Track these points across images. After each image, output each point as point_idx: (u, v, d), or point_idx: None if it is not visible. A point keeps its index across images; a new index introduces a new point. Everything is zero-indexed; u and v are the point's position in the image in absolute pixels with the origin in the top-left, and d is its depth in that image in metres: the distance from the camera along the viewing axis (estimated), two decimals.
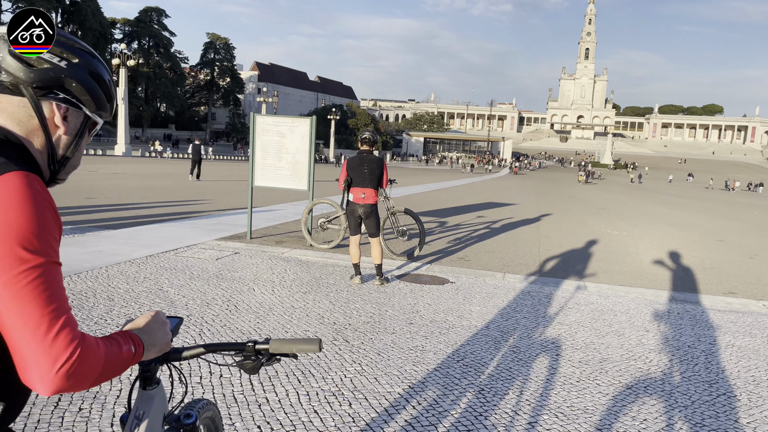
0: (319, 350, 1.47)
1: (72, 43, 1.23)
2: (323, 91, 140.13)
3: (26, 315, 1.02)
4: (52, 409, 3.39)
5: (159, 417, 1.49)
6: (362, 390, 4.00)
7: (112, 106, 1.33)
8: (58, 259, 1.09)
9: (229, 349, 1.51)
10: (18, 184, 1.05)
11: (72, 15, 77.59)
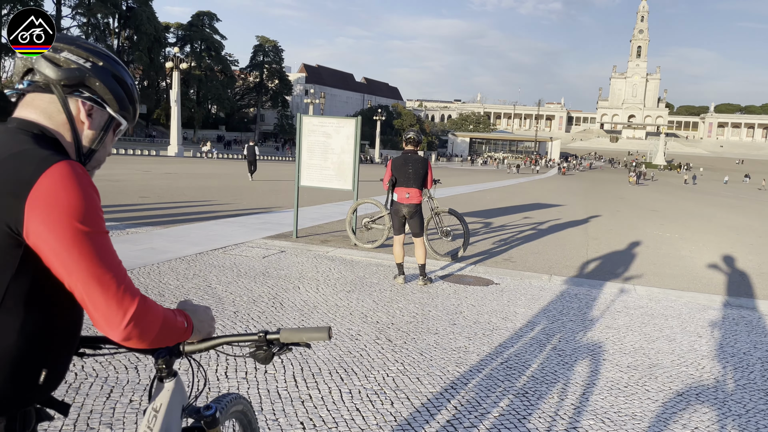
0: (328, 338, 1.49)
1: (97, 49, 1.37)
2: (369, 92, 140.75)
3: (93, 276, 1.18)
4: (105, 400, 3.52)
5: (177, 409, 1.52)
6: (404, 389, 4.00)
7: (135, 110, 1.43)
8: (106, 229, 1.25)
9: (242, 341, 1.53)
10: (66, 171, 1.18)
11: (128, 20, 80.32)
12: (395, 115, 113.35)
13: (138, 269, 6.92)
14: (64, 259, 1.16)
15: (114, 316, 1.20)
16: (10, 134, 1.24)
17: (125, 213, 11.92)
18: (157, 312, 1.28)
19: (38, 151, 1.20)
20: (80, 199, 1.17)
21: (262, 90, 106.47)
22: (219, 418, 1.63)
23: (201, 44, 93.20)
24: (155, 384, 1.53)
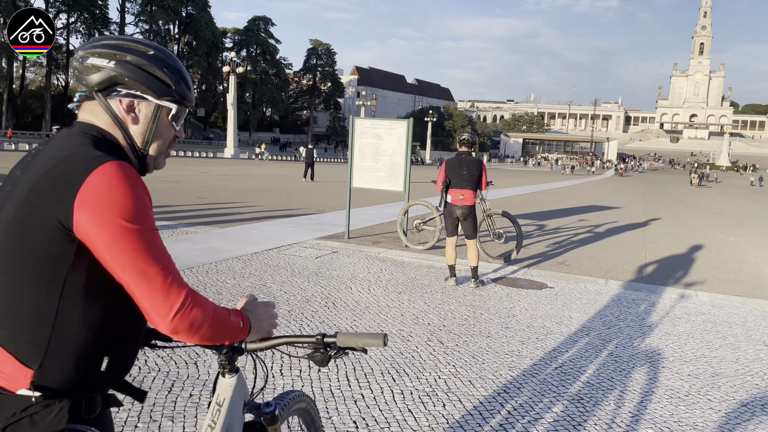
0: (384, 345, 1.50)
1: (125, 43, 1.38)
2: (420, 93, 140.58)
3: (139, 270, 1.23)
4: (166, 394, 3.66)
5: (239, 404, 1.57)
6: (456, 392, 4.00)
7: (180, 91, 1.42)
8: (155, 227, 1.29)
9: (302, 342, 1.57)
10: (113, 171, 1.23)
11: (188, 26, 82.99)
12: (446, 116, 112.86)
13: (197, 267, 7.15)
14: (113, 253, 1.21)
15: (160, 309, 1.25)
16: (71, 137, 1.32)
17: (185, 213, 12.32)
18: (206, 308, 1.31)
19: (90, 152, 1.26)
20: (126, 197, 1.22)
21: (315, 93, 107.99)
22: (279, 415, 1.68)
23: (256, 48, 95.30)
24: (218, 379, 1.57)
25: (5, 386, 1.23)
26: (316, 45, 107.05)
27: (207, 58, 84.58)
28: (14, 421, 1.21)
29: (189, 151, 54.25)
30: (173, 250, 7.98)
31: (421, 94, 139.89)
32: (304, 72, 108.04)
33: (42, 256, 1.22)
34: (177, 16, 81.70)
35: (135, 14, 78.99)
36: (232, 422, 1.51)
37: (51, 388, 1.24)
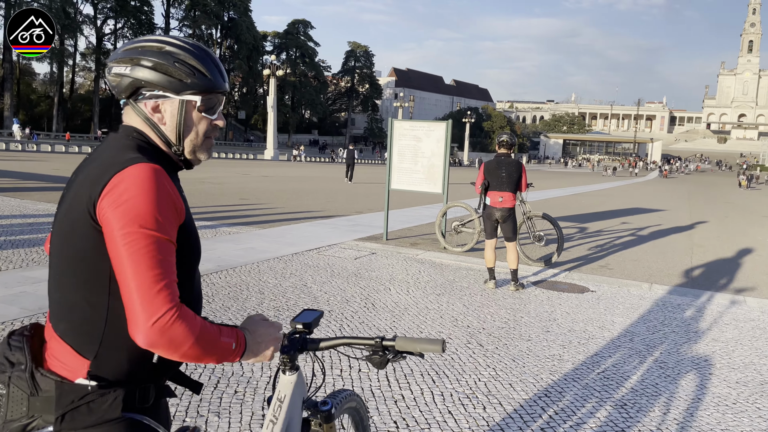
0: (442, 351, 1.51)
1: (139, 46, 1.39)
2: (458, 94, 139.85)
3: (135, 273, 1.21)
4: (212, 390, 3.76)
5: (298, 401, 1.61)
6: (496, 395, 3.99)
7: (199, 82, 1.39)
8: (171, 238, 1.27)
9: (360, 343, 1.59)
10: (136, 172, 1.26)
11: (229, 31, 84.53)
12: (485, 117, 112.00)
13: (240, 267, 7.30)
14: (114, 246, 1.23)
15: (139, 315, 1.20)
16: (114, 140, 1.39)
17: (227, 213, 12.57)
18: (192, 326, 1.24)
19: (125, 154, 1.31)
20: (141, 198, 1.23)
21: (353, 94, 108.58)
22: (334, 413, 1.72)
23: (296, 51, 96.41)
24: (279, 376, 1.61)
25: (65, 376, 1.30)
26: (354, 47, 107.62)
27: (248, 61, 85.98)
28: (73, 408, 1.27)
29: (230, 152, 55.26)
30: (216, 250, 8.20)
31: (459, 95, 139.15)
32: (342, 74, 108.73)
33: (86, 254, 1.29)
34: (219, 20, 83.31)
35: (179, 19, 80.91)
36: (292, 418, 1.55)
37: (106, 378, 1.30)
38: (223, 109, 1.51)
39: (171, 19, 79.86)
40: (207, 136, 1.45)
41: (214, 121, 1.45)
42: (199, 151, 1.46)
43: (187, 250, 1.38)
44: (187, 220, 1.38)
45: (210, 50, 1.48)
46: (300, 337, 1.60)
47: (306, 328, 1.60)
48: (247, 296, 6.04)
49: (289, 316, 5.46)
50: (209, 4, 79.53)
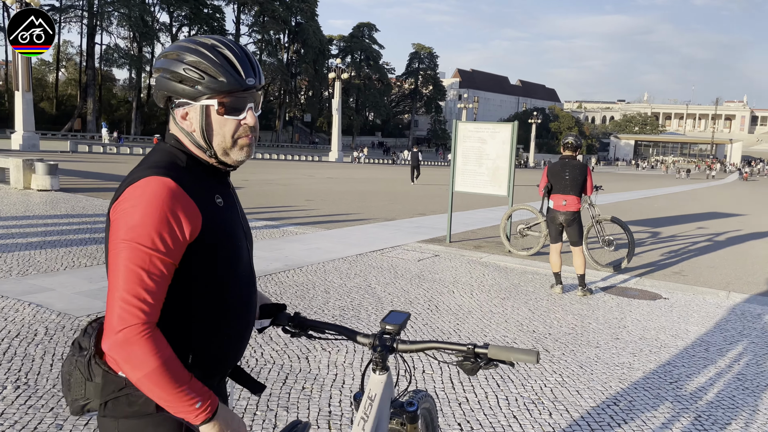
0: (536, 362, 1.50)
1: (162, 55, 1.42)
2: (524, 94, 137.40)
3: (117, 281, 1.26)
4: (281, 386, 3.89)
5: (387, 401, 1.64)
6: (563, 401, 3.92)
7: (210, 84, 1.35)
8: (167, 256, 1.28)
9: (451, 349, 1.59)
10: (143, 185, 1.30)
11: (296, 35, 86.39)
12: (552, 118, 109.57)
13: (306, 267, 7.47)
14: (111, 254, 1.28)
15: (108, 323, 1.26)
16: (156, 147, 1.45)
17: (294, 214, 12.88)
18: (155, 355, 1.24)
19: (147, 164, 1.36)
20: (139, 210, 1.26)
21: (417, 96, 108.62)
22: (419, 414, 1.75)
23: (360, 54, 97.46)
24: (370, 375, 1.65)
25: (112, 367, 1.38)
26: (418, 49, 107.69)
27: (314, 65, 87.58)
28: (114, 398, 1.36)
29: (296, 155, 56.46)
30: (284, 250, 8.43)
31: (525, 96, 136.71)
32: (406, 76, 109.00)
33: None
34: (287, 25, 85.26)
35: (249, 25, 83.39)
36: (382, 417, 1.59)
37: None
38: (260, 106, 1.46)
39: (241, 25, 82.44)
40: (238, 137, 1.41)
41: (241, 121, 1.40)
42: (232, 152, 1.42)
43: (211, 262, 1.38)
44: (210, 233, 1.36)
45: (229, 47, 1.40)
46: (391, 337, 1.62)
47: (395, 330, 1.62)
48: (313, 295, 6.18)
49: (354, 315, 5.55)
50: (277, 10, 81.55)
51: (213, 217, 1.37)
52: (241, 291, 1.48)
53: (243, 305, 1.49)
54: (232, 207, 1.48)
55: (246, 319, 1.51)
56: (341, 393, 3.84)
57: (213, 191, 1.42)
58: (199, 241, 1.34)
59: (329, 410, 3.59)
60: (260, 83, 1.42)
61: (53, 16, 64.40)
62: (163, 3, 72.04)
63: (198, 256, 1.35)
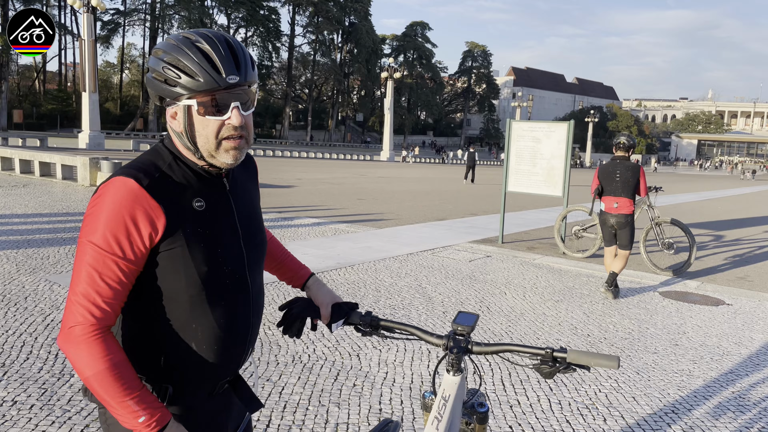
0: (617, 367, 1.47)
1: (153, 53, 1.36)
2: (581, 92, 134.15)
3: (74, 278, 1.27)
4: (332, 382, 3.94)
5: (460, 401, 1.64)
6: (618, 407, 3.83)
7: (187, 84, 1.28)
8: (123, 257, 1.25)
9: (527, 352, 1.58)
10: (109, 185, 1.28)
11: (350, 35, 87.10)
12: (609, 116, 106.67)
13: (358, 265, 7.54)
14: (76, 253, 1.29)
15: (62, 319, 1.27)
16: (153, 146, 1.42)
17: (346, 212, 13.01)
18: (96, 359, 1.23)
19: (130, 163, 1.35)
20: (96, 210, 1.26)
21: (470, 95, 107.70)
22: (489, 416, 1.76)
23: (413, 53, 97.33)
24: (443, 376, 1.64)
25: None
26: (471, 47, 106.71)
27: (367, 64, 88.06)
28: None
29: (348, 154, 57.00)
30: (336, 248, 8.53)
31: (582, 94, 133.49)
32: (459, 75, 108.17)
33: None
34: (340, 25, 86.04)
35: (303, 26, 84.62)
36: (455, 417, 1.60)
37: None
38: (253, 103, 1.36)
39: (296, 26, 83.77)
40: (223, 138, 1.32)
41: (224, 121, 1.31)
42: (218, 155, 1.33)
43: (182, 267, 1.32)
44: (178, 238, 1.30)
45: (211, 41, 1.31)
46: (465, 339, 1.62)
47: (467, 331, 1.62)
48: (365, 294, 6.24)
49: (404, 315, 5.57)
50: (331, 10, 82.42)
51: (184, 221, 1.31)
52: (224, 298, 1.39)
53: (228, 313, 1.40)
54: (220, 211, 1.39)
55: (234, 328, 1.41)
56: (391, 391, 3.87)
57: (194, 195, 1.35)
58: (165, 244, 1.29)
59: (380, 408, 3.62)
60: (246, 80, 1.32)
61: (117, 20, 67.25)
62: (221, 5, 73.93)
63: (167, 261, 1.31)
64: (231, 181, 1.45)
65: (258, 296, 1.50)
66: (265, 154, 46.15)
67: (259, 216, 1.57)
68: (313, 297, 1.75)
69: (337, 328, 1.75)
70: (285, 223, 10.96)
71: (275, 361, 4.25)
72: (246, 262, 1.44)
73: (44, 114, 63.12)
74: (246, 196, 1.51)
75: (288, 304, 1.73)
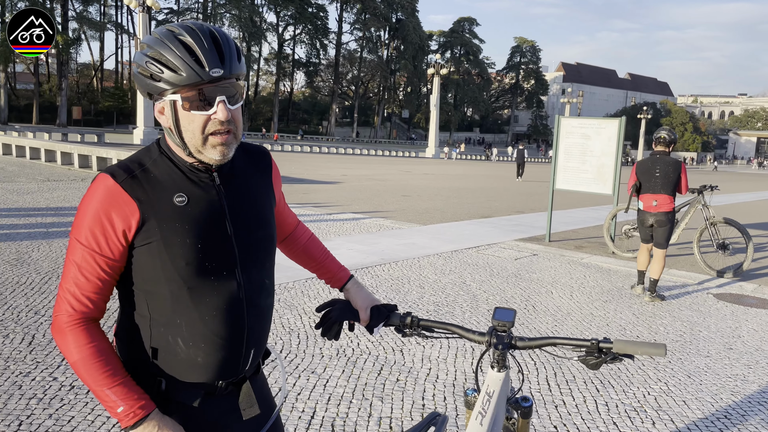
0: (664, 355, 1.46)
1: (140, 47, 1.34)
2: (633, 88, 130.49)
3: (63, 272, 1.33)
4: (376, 376, 3.98)
5: (504, 397, 1.64)
6: (667, 411, 3.73)
7: (169, 79, 1.26)
8: (100, 252, 1.29)
9: (572, 344, 1.57)
10: (93, 185, 1.32)
11: (396, 32, 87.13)
12: (663, 113, 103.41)
13: (402, 262, 7.56)
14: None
15: (53, 309, 1.34)
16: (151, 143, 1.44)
17: (390, 208, 13.05)
18: (75, 348, 1.28)
19: (119, 161, 1.37)
20: (81, 206, 1.32)
21: (517, 91, 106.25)
22: (532, 409, 1.76)
23: (460, 49, 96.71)
24: (487, 372, 1.64)
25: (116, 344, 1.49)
26: (520, 42, 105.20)
27: (413, 61, 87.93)
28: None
29: (393, 150, 57.10)
30: (380, 244, 8.57)
31: (634, 90, 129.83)
32: (506, 70, 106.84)
33: None
34: (387, 22, 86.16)
35: (350, 23, 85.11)
36: (498, 412, 1.61)
37: (122, 352, 1.44)
38: (240, 96, 1.33)
39: (344, 23, 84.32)
40: (210, 134, 1.29)
41: (209, 116, 1.28)
42: (205, 150, 1.31)
43: (162, 262, 1.31)
44: (154, 233, 1.30)
45: (193, 33, 1.27)
46: (507, 334, 1.61)
47: (508, 327, 1.62)
48: (408, 290, 6.25)
49: (448, 311, 5.56)
50: (378, 7, 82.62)
51: (161, 216, 1.30)
52: (210, 295, 1.36)
53: (215, 312, 1.36)
54: (205, 206, 1.35)
55: (224, 327, 1.38)
56: (434, 387, 3.87)
57: (176, 190, 1.33)
58: (140, 239, 1.30)
59: (422, 403, 3.64)
60: (231, 72, 1.28)
61: (171, 18, 69.13)
62: (270, 3, 75.08)
63: (145, 255, 1.31)
64: (224, 175, 1.40)
65: (256, 295, 1.44)
66: (311, 151, 46.69)
67: (265, 212, 1.50)
68: (351, 300, 1.75)
69: (377, 332, 1.77)
70: (330, 218, 11.08)
71: (320, 354, 4.31)
72: (237, 259, 1.39)
73: (101, 111, 65.57)
74: (246, 192, 1.45)
75: (326, 306, 1.74)
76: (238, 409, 1.47)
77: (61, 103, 58.87)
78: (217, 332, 1.37)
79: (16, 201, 10.95)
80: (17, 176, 15.22)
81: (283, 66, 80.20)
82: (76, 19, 61.89)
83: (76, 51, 66.27)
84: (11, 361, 3.89)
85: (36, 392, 3.47)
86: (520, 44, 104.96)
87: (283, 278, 6.19)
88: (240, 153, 1.47)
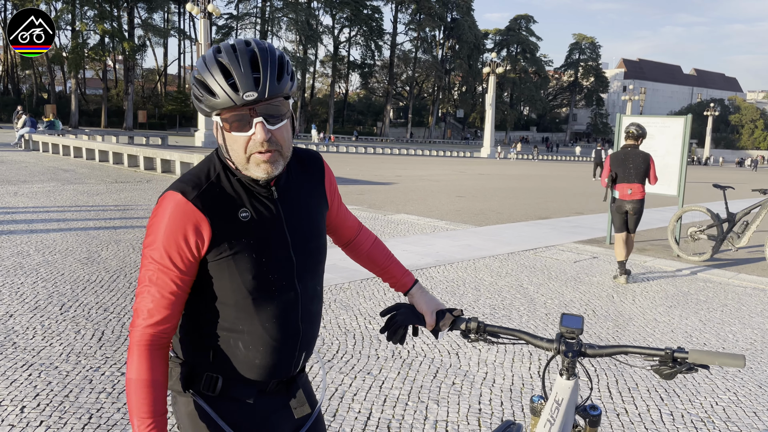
0: (743, 366, 1.41)
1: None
2: (699, 84, 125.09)
3: (137, 285, 1.38)
4: (431, 379, 3.97)
5: (573, 406, 1.62)
6: (737, 422, 3.56)
7: (208, 103, 1.31)
8: (172, 268, 1.34)
9: (644, 353, 1.53)
10: (162, 202, 1.36)
11: (452, 31, 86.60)
12: (732, 110, 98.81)
13: (457, 263, 7.51)
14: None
15: (132, 319, 1.38)
16: (208, 155, 1.47)
17: (445, 209, 12.98)
18: (132, 366, 1.34)
19: (182, 175, 1.41)
20: (152, 225, 1.35)
21: (576, 89, 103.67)
22: (601, 418, 1.72)
23: (517, 48, 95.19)
24: (556, 379, 1.63)
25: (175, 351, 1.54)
26: (579, 39, 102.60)
27: (468, 60, 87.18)
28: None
29: (447, 150, 56.76)
30: (434, 246, 8.55)
31: (700, 86, 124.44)
32: (564, 68, 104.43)
33: None
34: (442, 21, 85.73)
35: (405, 23, 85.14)
36: (567, 421, 1.59)
37: (176, 352, 1.51)
38: (284, 115, 1.35)
39: (398, 23, 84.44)
40: (251, 153, 1.33)
41: (251, 136, 1.31)
42: (249, 167, 1.35)
43: (228, 275, 1.38)
44: (224, 248, 1.36)
45: (231, 54, 1.30)
46: (577, 342, 1.59)
47: (577, 334, 1.59)
48: (464, 292, 6.20)
49: (505, 315, 5.49)
50: (433, 7, 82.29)
51: (230, 232, 1.36)
52: (271, 304, 1.43)
53: (274, 318, 1.43)
54: (267, 221, 1.41)
55: (280, 332, 1.45)
56: (491, 392, 3.83)
57: (240, 205, 1.39)
58: (212, 255, 1.36)
59: (479, 408, 3.60)
60: (267, 96, 1.29)
61: (231, 24, 71.01)
62: (326, 6, 76.00)
63: (215, 269, 1.38)
64: (281, 188, 1.45)
65: (309, 302, 1.51)
66: (366, 152, 47.00)
67: (318, 221, 1.55)
68: (416, 304, 1.75)
69: (442, 336, 1.76)
70: (384, 219, 11.11)
71: (375, 355, 4.33)
72: (295, 270, 1.45)
73: (165, 114, 67.97)
74: (302, 202, 1.50)
75: (390, 311, 1.74)
76: (288, 406, 1.54)
77: (128, 107, 61.37)
78: (275, 337, 1.44)
79: (86, 201, 11.50)
80: (87, 178, 15.97)
81: (339, 68, 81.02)
82: (141, 27, 64.39)
83: (141, 57, 68.83)
84: (82, 356, 4.09)
85: (105, 386, 3.63)
86: (579, 41, 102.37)
87: (338, 279, 6.26)
88: (293, 161, 1.51)
